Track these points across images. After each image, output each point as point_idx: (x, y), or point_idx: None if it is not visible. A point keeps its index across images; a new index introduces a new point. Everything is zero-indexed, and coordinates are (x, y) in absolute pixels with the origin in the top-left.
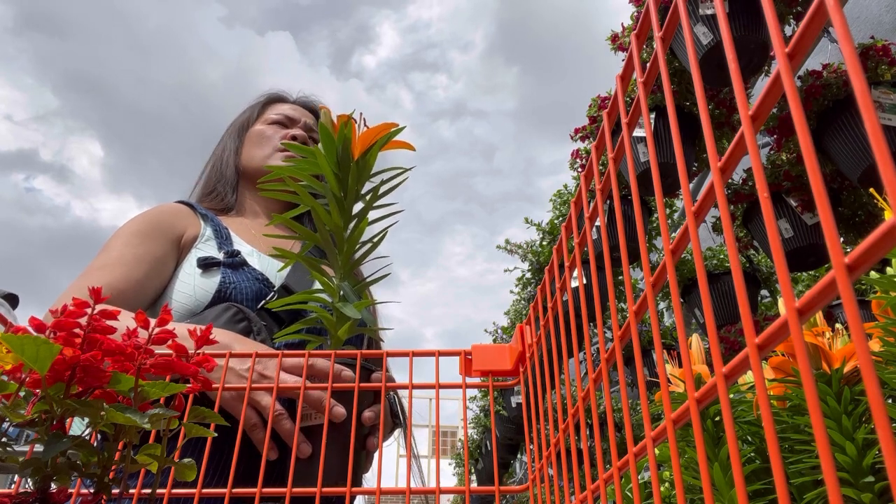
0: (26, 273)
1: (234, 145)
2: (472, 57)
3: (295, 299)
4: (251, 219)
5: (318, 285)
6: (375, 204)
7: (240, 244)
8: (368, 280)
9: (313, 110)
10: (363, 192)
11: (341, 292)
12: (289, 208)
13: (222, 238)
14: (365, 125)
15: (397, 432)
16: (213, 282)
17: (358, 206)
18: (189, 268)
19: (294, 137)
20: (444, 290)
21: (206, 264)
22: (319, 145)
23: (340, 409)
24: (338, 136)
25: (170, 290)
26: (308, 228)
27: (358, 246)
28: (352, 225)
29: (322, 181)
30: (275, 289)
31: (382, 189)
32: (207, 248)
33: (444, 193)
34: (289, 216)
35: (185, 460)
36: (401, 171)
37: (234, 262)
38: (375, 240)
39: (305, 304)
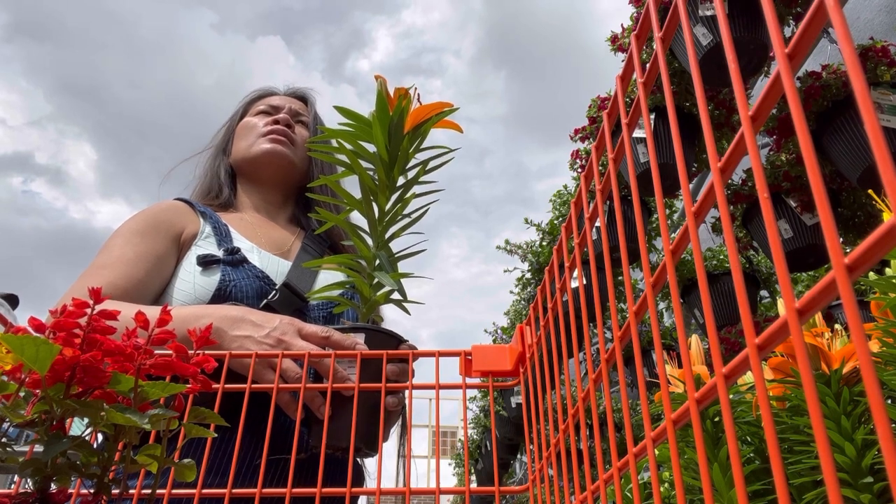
0: (25, 274)
1: (224, 143)
2: (464, 62)
3: (332, 260)
4: (250, 214)
5: (319, 283)
6: (420, 180)
7: (239, 240)
8: (405, 253)
9: (301, 97)
10: (408, 166)
11: (377, 261)
12: (288, 199)
13: (222, 235)
14: (418, 101)
15: (398, 432)
16: (212, 280)
17: (401, 181)
18: (189, 266)
19: (277, 121)
20: (441, 292)
21: (206, 262)
22: (371, 113)
23: (346, 375)
24: (394, 109)
25: (170, 288)
26: (327, 211)
27: (399, 218)
28: (395, 196)
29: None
30: (276, 286)
31: (429, 165)
32: (207, 245)
33: (440, 196)
34: (335, 178)
35: (185, 461)
36: (447, 150)
37: (234, 259)
38: (416, 215)
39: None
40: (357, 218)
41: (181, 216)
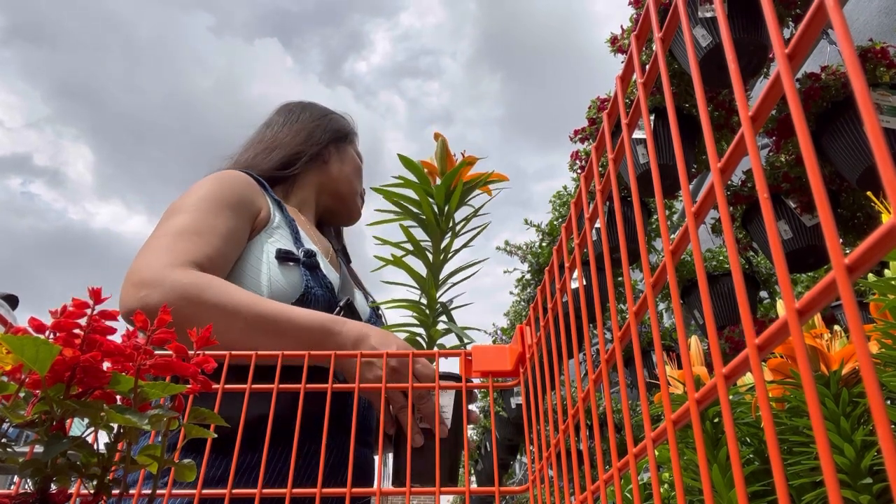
0: (24, 275)
1: (332, 143)
2: (461, 64)
3: (399, 305)
4: (301, 212)
5: (358, 302)
6: (470, 244)
7: (307, 242)
8: (457, 305)
9: None
10: (461, 223)
11: (438, 307)
12: (336, 216)
13: (295, 232)
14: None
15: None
16: (293, 280)
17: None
18: (263, 256)
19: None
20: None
21: (285, 258)
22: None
23: (446, 428)
24: (471, 180)
25: (240, 271)
26: (391, 257)
27: (457, 272)
28: (455, 247)
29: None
30: (339, 300)
31: (474, 222)
32: (281, 238)
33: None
34: (396, 220)
35: (185, 461)
36: (483, 213)
37: (311, 262)
38: (471, 271)
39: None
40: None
41: (258, 197)
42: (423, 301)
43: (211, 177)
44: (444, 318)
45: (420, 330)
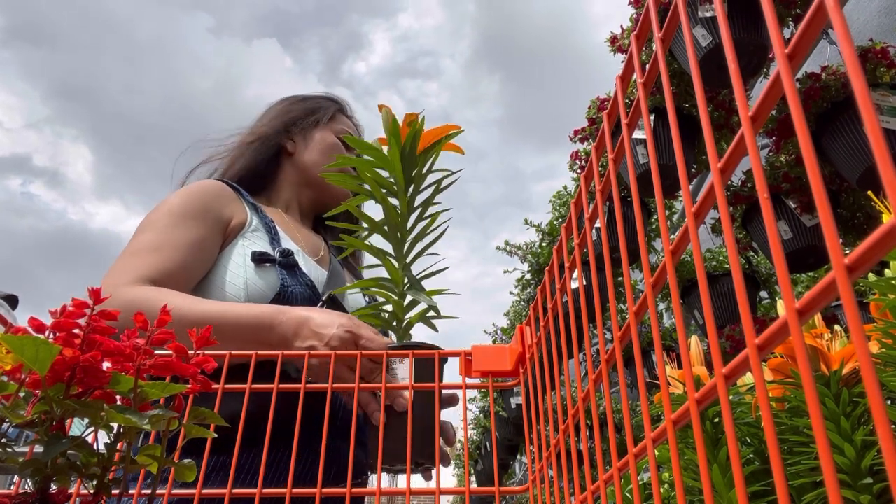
0: (24, 275)
1: (287, 128)
2: (460, 65)
3: (364, 284)
4: (285, 212)
5: (346, 298)
6: (433, 202)
7: (286, 241)
8: (430, 272)
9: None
10: (421, 188)
11: (406, 281)
12: (327, 207)
13: (272, 233)
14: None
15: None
16: (269, 282)
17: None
18: (239, 259)
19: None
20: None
21: (261, 260)
22: (378, 141)
23: (403, 402)
24: (406, 137)
25: (216, 278)
26: (352, 238)
27: (419, 240)
28: (415, 216)
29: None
30: (321, 296)
31: (440, 186)
32: (257, 240)
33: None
34: (354, 203)
35: (185, 461)
36: (451, 172)
37: (288, 262)
38: (437, 234)
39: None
40: (371, 241)
41: (230, 203)
42: (387, 276)
43: (179, 190)
44: (412, 291)
45: (388, 307)
